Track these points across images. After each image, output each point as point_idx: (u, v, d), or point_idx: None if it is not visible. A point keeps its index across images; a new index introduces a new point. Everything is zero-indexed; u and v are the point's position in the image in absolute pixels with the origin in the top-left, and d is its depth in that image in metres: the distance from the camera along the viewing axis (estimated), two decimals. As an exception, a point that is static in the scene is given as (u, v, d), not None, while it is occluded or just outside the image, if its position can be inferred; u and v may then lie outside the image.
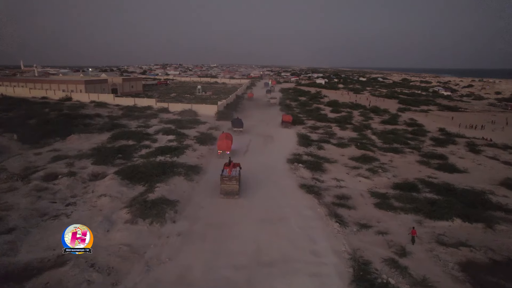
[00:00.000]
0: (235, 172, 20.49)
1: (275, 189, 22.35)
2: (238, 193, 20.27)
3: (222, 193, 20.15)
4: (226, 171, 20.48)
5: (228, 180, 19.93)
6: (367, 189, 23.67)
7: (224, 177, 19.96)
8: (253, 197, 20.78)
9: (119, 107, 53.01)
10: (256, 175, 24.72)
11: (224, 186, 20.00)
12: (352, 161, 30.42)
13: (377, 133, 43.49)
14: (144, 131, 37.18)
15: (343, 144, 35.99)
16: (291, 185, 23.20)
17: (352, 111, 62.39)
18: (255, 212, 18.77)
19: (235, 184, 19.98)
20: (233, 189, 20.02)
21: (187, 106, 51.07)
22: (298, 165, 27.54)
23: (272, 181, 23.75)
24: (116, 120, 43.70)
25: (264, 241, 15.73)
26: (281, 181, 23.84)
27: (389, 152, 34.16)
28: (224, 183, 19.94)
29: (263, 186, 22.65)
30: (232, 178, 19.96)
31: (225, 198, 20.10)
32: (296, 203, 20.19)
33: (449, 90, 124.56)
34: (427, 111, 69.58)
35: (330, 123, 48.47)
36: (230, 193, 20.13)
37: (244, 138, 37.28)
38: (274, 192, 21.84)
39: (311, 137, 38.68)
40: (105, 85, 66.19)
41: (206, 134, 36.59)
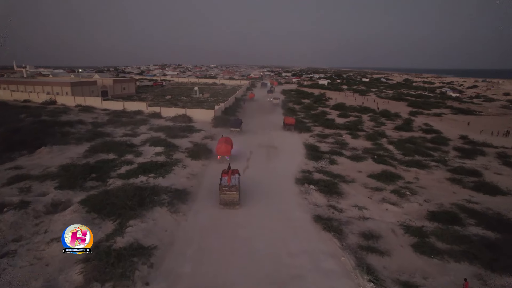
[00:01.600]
0: (235, 180, 19.03)
1: (283, 225, 17.45)
2: (238, 202, 18.96)
3: (221, 204, 18.86)
4: (225, 179, 18.95)
5: (228, 190, 18.61)
6: (398, 222, 18.86)
7: (223, 187, 18.60)
8: (255, 239, 15.90)
9: (106, 112, 48.21)
10: (259, 202, 19.96)
11: (224, 196, 18.71)
12: (372, 179, 25.64)
13: (393, 142, 38.66)
14: (129, 142, 32.33)
15: (358, 157, 31.18)
16: (303, 219, 18.34)
17: (361, 115, 57.66)
18: (258, 268, 13.75)
19: (235, 193, 18.70)
20: (233, 198, 18.75)
21: (181, 111, 46.24)
22: (309, 187, 22.70)
23: (279, 212, 18.91)
24: (100, 128, 38.89)
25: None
26: (290, 213, 18.98)
27: (412, 166, 29.33)
28: (224, 192, 18.66)
29: (268, 222, 17.80)
30: (232, 187, 18.61)
31: (225, 208, 18.75)
32: (312, 248, 15.32)
33: (457, 92, 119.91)
34: (440, 115, 64.84)
35: (340, 130, 43.65)
36: (230, 203, 18.82)
37: (244, 144, 32.61)
38: (282, 230, 16.95)
39: (320, 148, 33.85)
40: (94, 87, 61.36)
41: (200, 145, 31.74)
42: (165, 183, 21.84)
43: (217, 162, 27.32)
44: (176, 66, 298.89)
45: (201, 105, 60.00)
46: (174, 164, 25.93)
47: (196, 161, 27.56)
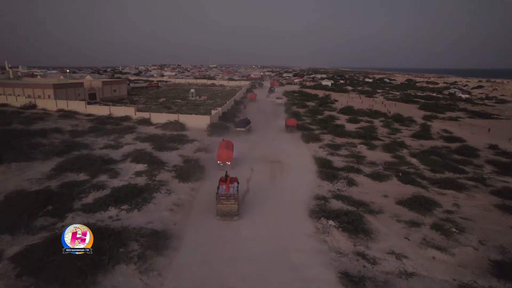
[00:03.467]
0: (233, 189, 17.73)
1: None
2: (237, 213, 17.65)
3: (218, 215, 17.58)
4: (222, 188, 17.71)
5: (226, 199, 17.34)
6: (454, 280, 13.76)
7: (221, 196, 17.31)
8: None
9: (89, 118, 43.08)
10: (263, 245, 14.89)
11: (221, 207, 17.43)
12: (403, 207, 20.58)
13: (416, 153, 33.52)
14: (107, 157, 27.28)
15: (380, 175, 26.07)
16: (325, 280, 13.23)
17: (372, 120, 52.56)
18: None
19: (234, 203, 17.42)
20: (231, 209, 17.48)
21: (173, 117, 41.11)
22: (328, 224, 17.60)
23: (293, 269, 13.78)
24: (78, 138, 33.80)
25: None
26: (306, 269, 13.85)
27: (447, 187, 24.20)
28: (221, 202, 17.37)
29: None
30: (230, 196, 17.33)
31: (222, 220, 17.48)
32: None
33: (466, 93, 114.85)
34: (457, 119, 59.75)
35: (352, 139, 38.55)
36: (228, 214, 17.56)
37: (245, 156, 27.56)
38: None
39: (333, 163, 28.73)
40: (80, 90, 56.20)
41: (191, 161, 26.66)
42: (140, 219, 16.77)
43: (210, 184, 22.30)
44: (175, 66, 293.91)
45: (197, 109, 55.01)
46: (157, 189, 20.85)
47: (185, 183, 22.44)
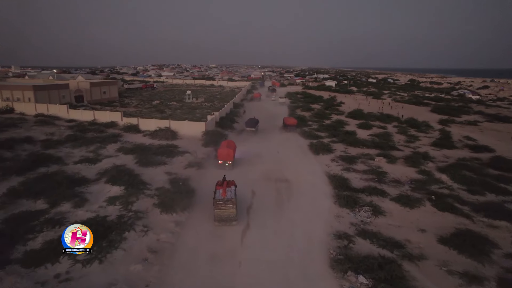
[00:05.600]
0: (230, 193, 16.80)
1: None
2: (236, 218, 16.67)
3: (216, 220, 16.58)
4: (219, 193, 16.75)
5: (223, 204, 16.32)
6: None
7: (218, 201, 16.29)
8: None
9: (70, 124, 38.30)
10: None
11: (219, 212, 16.40)
12: (449, 248, 15.88)
13: (443, 168, 28.71)
14: (79, 175, 22.57)
15: (409, 199, 21.26)
16: None
17: (385, 126, 47.75)
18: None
19: (232, 208, 16.42)
20: (229, 214, 16.48)
21: (164, 123, 36.31)
22: (357, 281, 12.84)
23: None
24: (51, 149, 29.05)
25: None
26: None
27: (496, 217, 19.42)
28: (218, 208, 16.31)
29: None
30: (228, 201, 16.33)
31: (221, 225, 16.45)
32: None
33: (476, 94, 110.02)
34: (476, 124, 54.89)
35: (367, 149, 33.76)
36: (227, 219, 16.56)
37: (245, 173, 22.70)
38: None
39: (351, 182, 23.94)
40: (65, 92, 51.39)
41: (179, 182, 21.86)
42: (98, 279, 12.03)
43: (201, 216, 17.70)
44: (174, 66, 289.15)
45: (193, 112, 50.26)
46: (131, 224, 16.11)
47: (168, 215, 17.68)
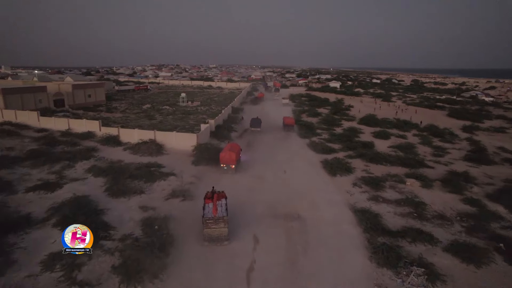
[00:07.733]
0: (221, 209, 14.97)
1: None
2: (227, 238, 14.84)
3: (205, 240, 14.73)
4: (209, 209, 14.91)
5: (214, 223, 14.46)
6: None
7: (208, 220, 14.44)
8: None
9: (39, 135, 32.47)
10: None
11: (209, 231, 14.56)
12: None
13: (495, 195, 22.83)
14: (24, 212, 16.81)
15: (470, 250, 15.40)
16: None
17: (404, 134, 41.95)
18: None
19: (223, 227, 14.59)
20: (220, 233, 14.64)
21: (148, 135, 30.51)
22: None
23: None
24: (4, 169, 23.32)
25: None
26: None
27: None
28: (209, 227, 14.49)
29: None
30: (219, 219, 14.48)
31: (210, 245, 14.57)
32: None
33: (489, 96, 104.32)
34: (503, 131, 49.05)
35: (392, 166, 27.95)
36: (217, 239, 14.71)
37: (246, 205, 16.84)
38: None
39: (384, 220, 18.09)
40: (42, 95, 45.55)
41: (155, 225, 16.01)
42: None
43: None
44: (173, 67, 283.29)
45: (187, 119, 44.52)
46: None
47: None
